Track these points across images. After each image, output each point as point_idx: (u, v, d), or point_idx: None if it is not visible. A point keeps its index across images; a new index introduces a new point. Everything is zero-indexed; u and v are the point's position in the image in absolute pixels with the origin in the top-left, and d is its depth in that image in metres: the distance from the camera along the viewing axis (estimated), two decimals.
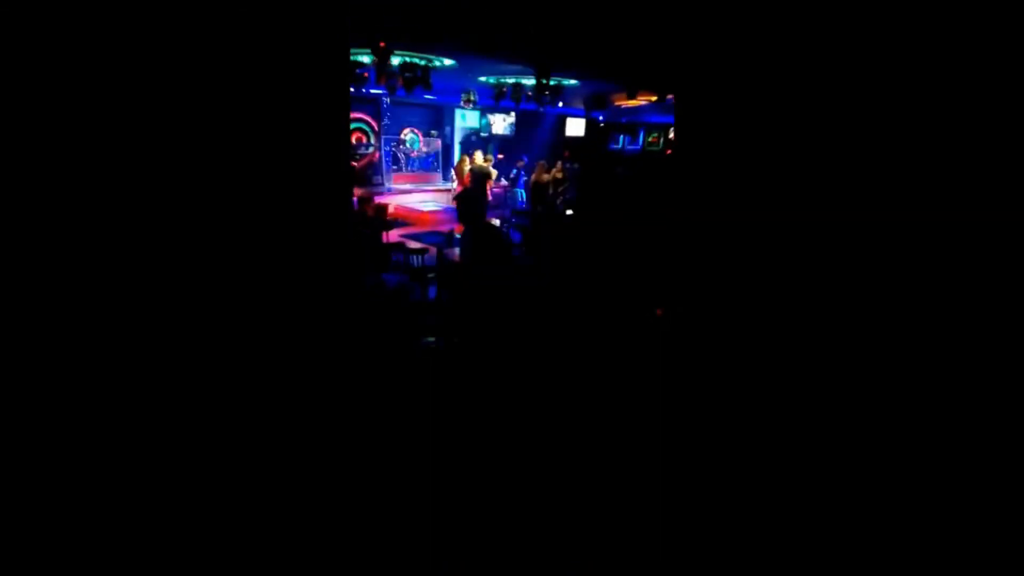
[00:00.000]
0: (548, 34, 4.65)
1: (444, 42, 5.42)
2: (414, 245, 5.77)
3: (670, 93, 7.17)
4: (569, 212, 7.93)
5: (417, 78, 6.55)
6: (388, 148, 10.62)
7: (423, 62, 6.47)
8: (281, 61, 1.16)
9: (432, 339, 3.17)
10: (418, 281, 5.23)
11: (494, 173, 9.21)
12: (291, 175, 1.21)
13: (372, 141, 10.42)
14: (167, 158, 1.07)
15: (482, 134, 11.77)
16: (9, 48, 0.87)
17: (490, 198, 8.45)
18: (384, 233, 6.45)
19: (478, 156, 8.77)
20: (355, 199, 7.15)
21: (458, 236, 6.73)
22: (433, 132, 11.42)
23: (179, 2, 1.03)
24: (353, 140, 9.97)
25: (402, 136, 10.86)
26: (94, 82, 0.97)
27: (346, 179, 1.33)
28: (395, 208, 9.32)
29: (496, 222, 7.66)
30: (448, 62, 6.56)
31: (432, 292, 5.44)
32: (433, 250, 5.90)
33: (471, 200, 7.45)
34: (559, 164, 9.29)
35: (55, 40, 0.92)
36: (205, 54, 1.07)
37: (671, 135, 12.30)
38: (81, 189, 1.00)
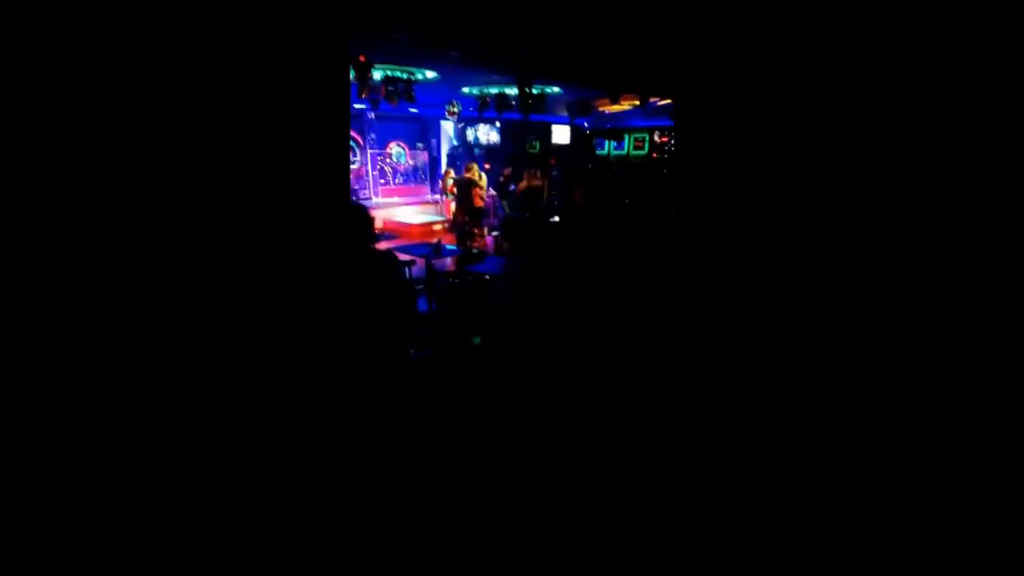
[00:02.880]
0: (530, 40, 4.67)
1: (428, 57, 5.43)
2: (403, 257, 5.75)
3: (653, 95, 7.22)
4: (555, 219, 7.94)
5: (400, 91, 6.56)
6: (375, 162, 10.62)
7: (405, 75, 6.48)
8: (282, 71, 1.15)
9: (418, 350, 3.13)
10: (408, 291, 5.18)
11: (483, 180, 9.22)
12: (290, 188, 1.19)
13: (357, 156, 10.43)
14: (163, 167, 1.05)
15: (470, 144, 11.80)
16: (8, 49, 0.87)
17: (480, 204, 8.43)
18: (372, 246, 6.41)
19: (474, 168, 8.77)
20: None
21: (450, 248, 6.69)
22: (419, 145, 11.44)
23: (180, 19, 1.02)
24: None
25: (388, 150, 10.87)
26: (94, 101, 0.96)
27: (345, 191, 1.31)
28: (383, 222, 9.30)
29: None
30: (431, 74, 6.58)
31: (421, 304, 5.40)
32: (421, 262, 5.87)
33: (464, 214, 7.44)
34: (538, 172, 9.35)
35: (46, 85, 0.92)
36: (200, 76, 1.06)
37: (656, 138, 12.41)
38: (73, 215, 0.98)
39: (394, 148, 10.98)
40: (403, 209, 10.18)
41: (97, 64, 0.97)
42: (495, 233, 7.79)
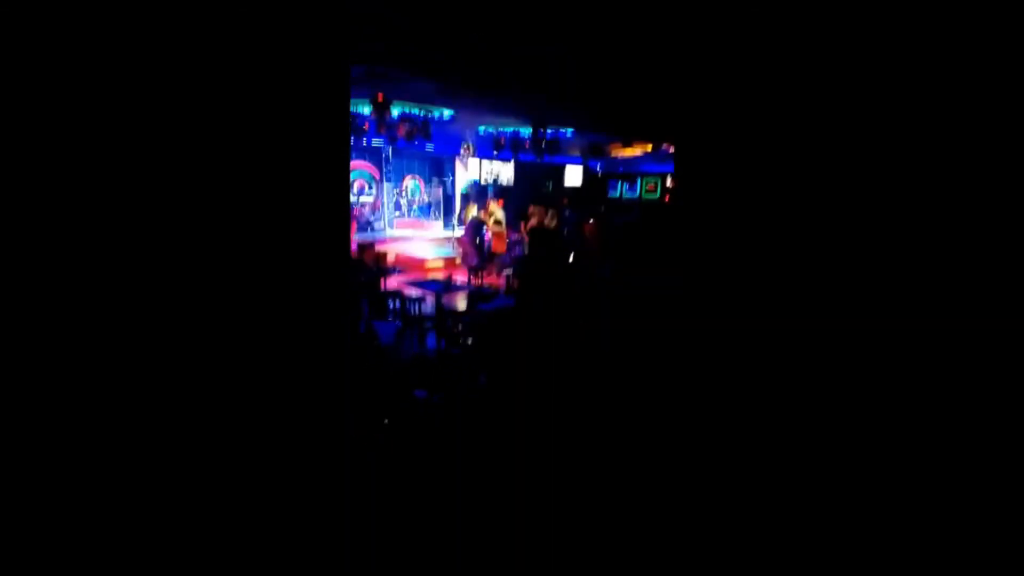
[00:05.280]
0: (545, 89, 4.78)
1: (442, 96, 5.57)
2: (413, 292, 5.71)
3: (664, 142, 7.30)
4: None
5: (417, 128, 6.70)
6: (392, 195, 10.77)
7: (422, 113, 6.63)
8: (282, 103, 1.14)
9: (425, 392, 3.03)
10: (414, 328, 5.12)
11: (498, 215, 9.23)
12: (289, 220, 1.18)
13: (373, 189, 10.58)
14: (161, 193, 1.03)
15: (484, 183, 11.98)
16: (7, 49, 0.86)
17: (495, 247, 8.45)
18: (382, 279, 6.40)
19: (491, 205, 8.84)
20: (354, 246, 7.17)
21: (457, 283, 6.68)
22: (434, 180, 11.62)
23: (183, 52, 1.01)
24: (356, 187, 10.12)
25: (404, 184, 11.04)
26: (133, 141, 0.97)
27: (345, 231, 1.28)
28: (396, 256, 9.35)
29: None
30: (447, 112, 6.73)
31: (430, 341, 5.32)
32: (431, 298, 5.83)
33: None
34: (552, 211, 9.44)
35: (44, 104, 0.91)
36: (203, 103, 1.05)
37: (668, 183, 12.53)
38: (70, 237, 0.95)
39: (410, 182, 11.14)
40: (416, 243, 10.25)
41: (110, 107, 0.96)
42: (507, 271, 7.77)
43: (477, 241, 7.95)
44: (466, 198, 11.48)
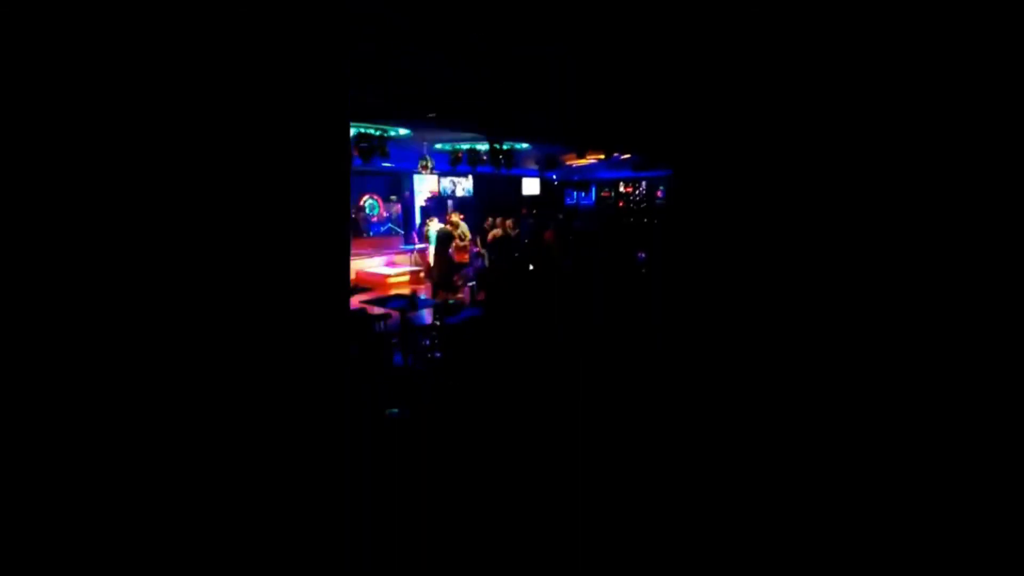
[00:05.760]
0: (499, 111, 4.88)
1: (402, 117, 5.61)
2: (377, 311, 5.70)
3: (615, 151, 7.58)
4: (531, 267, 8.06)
5: (374, 147, 6.72)
6: (350, 213, 10.67)
7: (378, 132, 6.66)
8: (281, 132, 1.17)
9: (396, 410, 3.08)
10: (380, 347, 5.12)
11: (463, 229, 9.30)
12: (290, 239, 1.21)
13: None
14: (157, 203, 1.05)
15: (442, 195, 12.03)
16: (7, 49, 0.87)
17: (458, 259, 8.50)
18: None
19: (453, 217, 8.89)
20: None
21: (422, 298, 6.71)
22: (392, 197, 11.59)
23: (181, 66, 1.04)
24: None
25: (361, 203, 10.97)
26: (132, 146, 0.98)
27: (345, 231, 1.33)
28: (356, 274, 9.26)
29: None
30: (403, 132, 6.78)
31: (397, 358, 5.33)
32: (396, 315, 5.84)
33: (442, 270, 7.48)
34: (512, 220, 9.70)
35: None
36: (199, 124, 1.07)
37: (621, 188, 12.90)
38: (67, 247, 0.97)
39: (367, 200, 11.09)
40: (376, 259, 10.19)
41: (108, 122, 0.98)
42: (471, 284, 7.84)
43: (450, 252, 8.00)
44: (425, 211, 11.49)
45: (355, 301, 6.64)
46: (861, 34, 1.51)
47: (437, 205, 11.56)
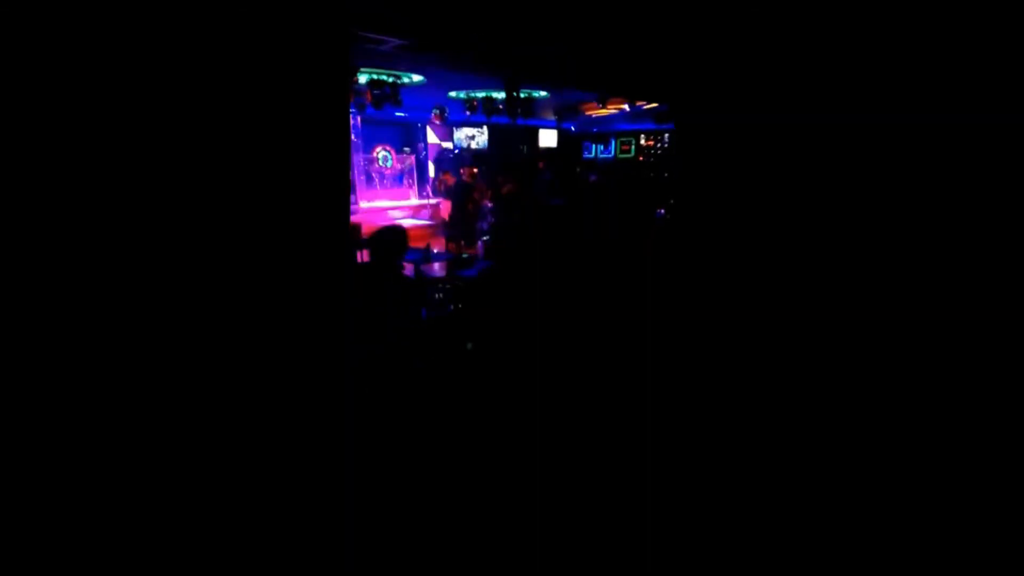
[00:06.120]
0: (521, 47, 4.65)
1: (415, 60, 5.39)
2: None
3: (640, 99, 7.24)
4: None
5: (386, 95, 6.49)
6: (362, 166, 10.51)
7: (391, 79, 6.41)
8: (281, 75, 1.14)
9: (409, 360, 3.06)
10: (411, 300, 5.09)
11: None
12: (289, 190, 1.19)
13: None
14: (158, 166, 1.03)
15: (455, 150, 11.75)
16: (6, 49, 0.86)
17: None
18: (357, 253, 6.31)
19: (472, 171, 8.66)
20: None
21: (435, 252, 6.63)
22: (406, 149, 11.35)
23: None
24: None
25: (374, 154, 10.77)
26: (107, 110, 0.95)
27: (345, 232, 1.31)
28: (368, 228, 9.19)
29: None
30: (417, 78, 6.52)
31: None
32: (410, 267, 5.80)
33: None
34: (511, 178, 9.38)
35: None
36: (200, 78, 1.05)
37: (643, 142, 12.47)
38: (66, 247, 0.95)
39: (380, 152, 10.88)
40: (390, 213, 10.09)
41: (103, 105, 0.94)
42: (485, 238, 7.73)
43: (469, 207, 7.84)
44: (439, 164, 11.27)
45: (368, 255, 6.58)
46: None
47: (451, 158, 11.32)
